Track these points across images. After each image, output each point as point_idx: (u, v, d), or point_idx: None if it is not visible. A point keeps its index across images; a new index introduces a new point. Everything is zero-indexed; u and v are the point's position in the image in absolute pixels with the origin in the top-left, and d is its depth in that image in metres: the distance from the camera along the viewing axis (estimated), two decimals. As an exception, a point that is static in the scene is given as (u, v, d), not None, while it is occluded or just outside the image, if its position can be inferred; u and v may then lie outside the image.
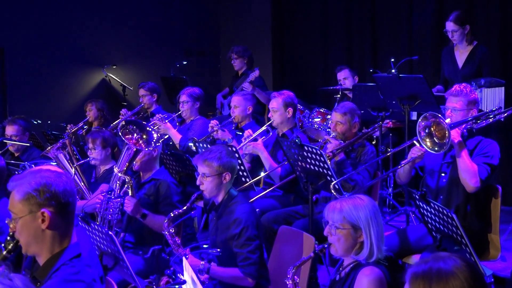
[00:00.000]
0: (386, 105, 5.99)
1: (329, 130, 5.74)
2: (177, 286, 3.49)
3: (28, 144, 6.65)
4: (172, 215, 4.04)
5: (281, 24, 10.27)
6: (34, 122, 7.35)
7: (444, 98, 4.48)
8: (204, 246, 5.18)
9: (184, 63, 9.64)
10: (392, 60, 6.46)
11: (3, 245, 2.50)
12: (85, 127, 7.74)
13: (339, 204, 3.14)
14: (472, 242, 3.50)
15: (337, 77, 7.60)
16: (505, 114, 4.42)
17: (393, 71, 5.95)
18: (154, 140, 4.68)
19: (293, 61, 10.17)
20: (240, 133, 6.25)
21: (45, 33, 9.32)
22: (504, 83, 5.98)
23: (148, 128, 4.75)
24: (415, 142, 4.14)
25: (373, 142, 6.72)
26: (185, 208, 4.05)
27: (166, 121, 6.59)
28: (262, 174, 5.60)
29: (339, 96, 7.32)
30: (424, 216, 3.84)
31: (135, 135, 4.68)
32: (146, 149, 4.64)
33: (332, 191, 4.26)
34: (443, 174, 4.32)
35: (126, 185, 4.53)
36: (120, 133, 4.61)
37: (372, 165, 5.08)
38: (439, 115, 3.99)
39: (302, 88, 9.49)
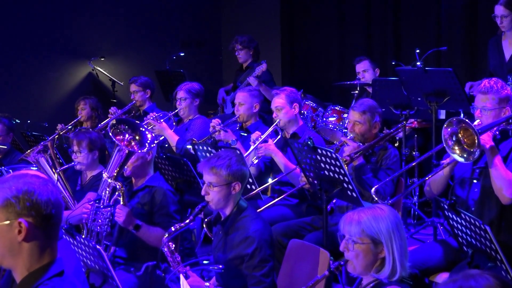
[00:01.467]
0: (411, 102, 6.00)
1: (345, 131, 5.75)
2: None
3: (6, 147, 6.69)
4: (173, 229, 4.02)
5: (291, 11, 10.29)
6: (12, 121, 7.38)
7: None
8: (204, 262, 5.20)
9: (181, 55, 9.66)
10: (418, 51, 6.46)
11: None
12: (69, 127, 7.75)
13: (356, 215, 3.14)
14: (508, 259, 3.50)
15: (355, 70, 7.61)
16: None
17: (418, 63, 5.96)
18: (148, 142, 4.69)
19: (304, 53, 10.18)
20: (245, 134, 6.27)
21: (24, 21, 9.34)
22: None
23: (141, 128, 4.76)
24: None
25: (395, 145, 6.72)
26: (187, 221, 4.04)
27: (161, 120, 6.61)
28: (270, 181, 5.61)
29: (357, 92, 7.34)
30: (453, 228, 3.85)
31: (127, 135, 4.69)
32: (140, 151, 4.65)
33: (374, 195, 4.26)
34: (475, 181, 4.31)
35: (116, 193, 4.54)
36: (110, 133, 4.62)
37: (395, 172, 5.07)
38: (466, 120, 3.97)
39: (315, 83, 9.51)
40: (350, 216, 3.16)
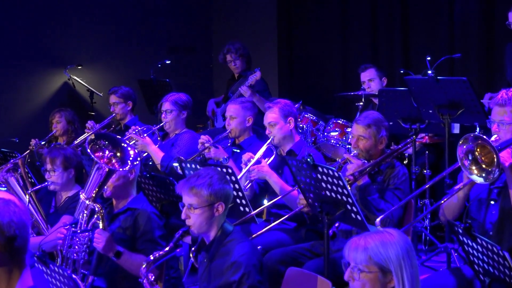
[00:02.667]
0: (421, 115, 6.02)
1: (349, 146, 5.76)
2: None
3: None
4: (152, 258, 4.03)
5: (289, 14, 10.32)
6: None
7: None
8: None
9: (168, 62, 9.68)
10: (428, 58, 6.49)
11: None
12: (43, 143, 7.75)
13: (363, 240, 3.14)
14: (530, 289, 3.51)
15: (360, 79, 7.63)
16: None
17: (429, 72, 5.98)
18: (131, 159, 4.69)
19: (304, 60, 10.20)
20: (238, 151, 6.27)
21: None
22: None
23: (123, 144, 4.76)
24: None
25: (404, 162, 6.73)
26: (167, 249, 4.04)
27: (145, 135, 6.61)
28: (266, 203, 5.60)
29: (362, 103, 7.36)
30: (469, 254, 3.85)
31: (107, 152, 4.68)
32: (121, 169, 4.65)
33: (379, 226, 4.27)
34: (492, 203, 4.32)
35: (95, 216, 4.54)
36: (88, 150, 4.62)
37: (404, 193, 5.08)
38: (483, 136, 3.97)
39: (315, 93, 9.53)
40: (355, 242, 3.16)
